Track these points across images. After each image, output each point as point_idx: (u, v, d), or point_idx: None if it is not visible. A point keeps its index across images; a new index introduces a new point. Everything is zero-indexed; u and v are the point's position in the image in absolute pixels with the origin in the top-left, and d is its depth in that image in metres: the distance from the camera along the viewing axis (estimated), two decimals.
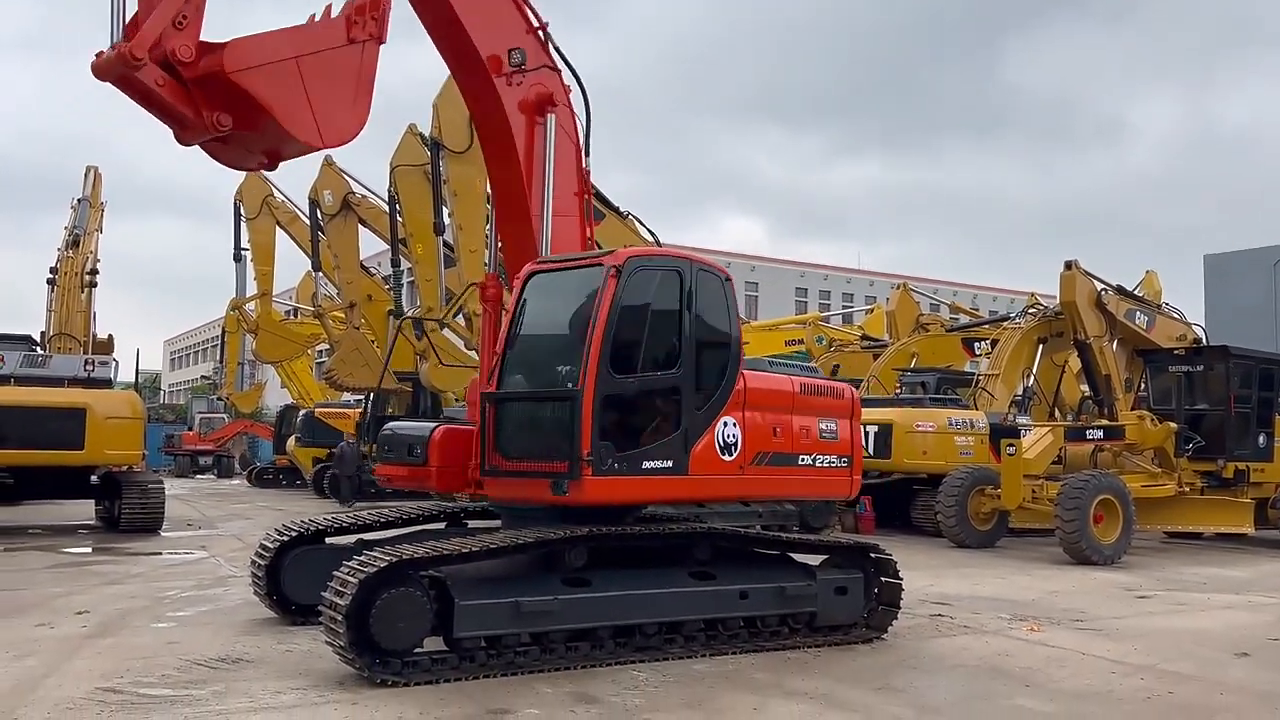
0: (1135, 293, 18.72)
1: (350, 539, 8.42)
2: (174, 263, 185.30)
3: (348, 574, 6.49)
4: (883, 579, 8.40)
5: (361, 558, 6.67)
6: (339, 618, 6.32)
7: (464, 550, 6.77)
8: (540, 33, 8.50)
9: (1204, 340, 18.42)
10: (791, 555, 8.38)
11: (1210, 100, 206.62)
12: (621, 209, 17.39)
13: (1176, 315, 18.57)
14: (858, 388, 21.61)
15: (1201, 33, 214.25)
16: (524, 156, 8.42)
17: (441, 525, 8.78)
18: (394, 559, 6.52)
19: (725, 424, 7.45)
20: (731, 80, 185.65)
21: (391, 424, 7.25)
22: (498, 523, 8.13)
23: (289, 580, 8.40)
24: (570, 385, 6.92)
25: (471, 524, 8.63)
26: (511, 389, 7.43)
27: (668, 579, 7.59)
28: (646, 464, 7.10)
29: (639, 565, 7.60)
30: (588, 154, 8.84)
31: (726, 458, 7.46)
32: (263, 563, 8.42)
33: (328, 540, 8.62)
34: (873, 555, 8.41)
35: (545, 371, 7.52)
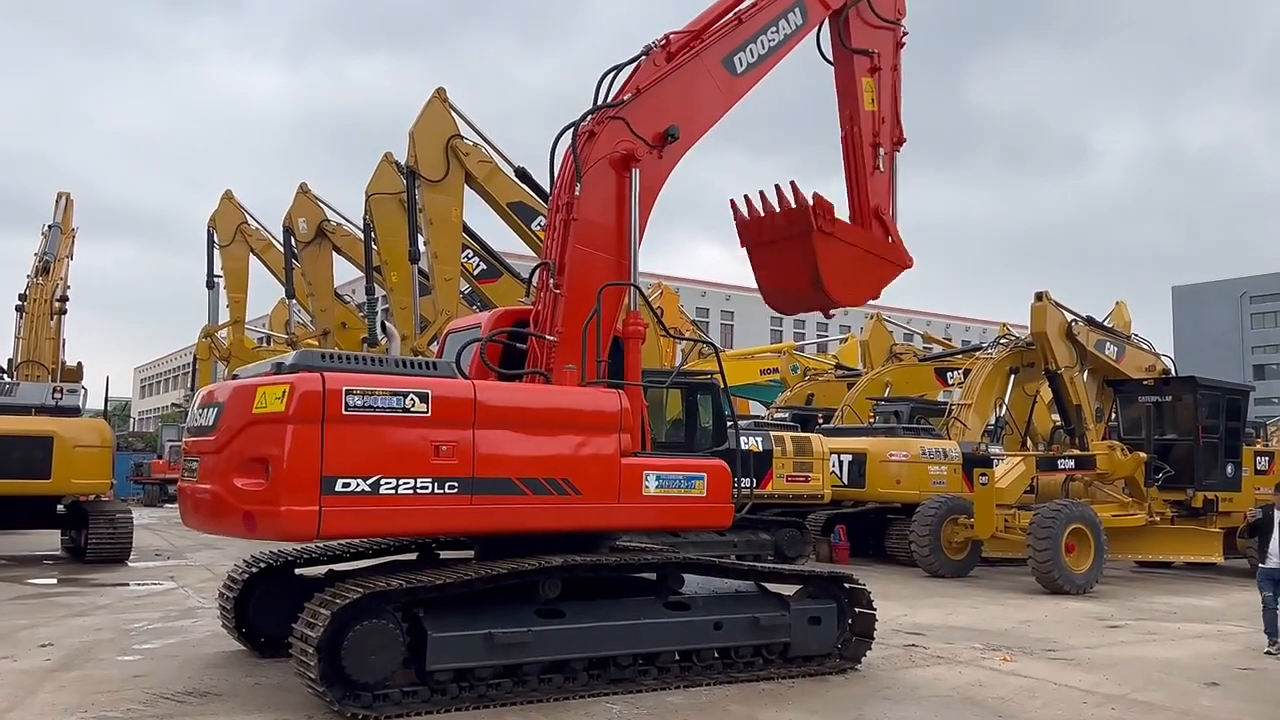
0: (1105, 323, 18.95)
1: (320, 570, 8.35)
2: (134, 287, 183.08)
3: (320, 605, 6.43)
4: (856, 609, 8.40)
5: (334, 589, 6.61)
6: (310, 650, 6.25)
7: (438, 582, 6.73)
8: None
9: (1173, 370, 18.63)
10: (765, 585, 8.38)
11: (1172, 123, 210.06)
12: None
13: (1145, 346, 18.79)
14: (832, 417, 22.12)
15: (1161, 56, 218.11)
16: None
17: (413, 556, 8.73)
18: (367, 590, 6.47)
19: None
20: None
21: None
22: (469, 553, 8.09)
23: (257, 613, 8.31)
24: None
25: (444, 554, 8.59)
26: None
27: (642, 610, 7.57)
28: None
29: (613, 596, 7.58)
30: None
31: None
32: (231, 595, 8.32)
33: (297, 571, 8.55)
34: (846, 585, 8.42)
35: None
